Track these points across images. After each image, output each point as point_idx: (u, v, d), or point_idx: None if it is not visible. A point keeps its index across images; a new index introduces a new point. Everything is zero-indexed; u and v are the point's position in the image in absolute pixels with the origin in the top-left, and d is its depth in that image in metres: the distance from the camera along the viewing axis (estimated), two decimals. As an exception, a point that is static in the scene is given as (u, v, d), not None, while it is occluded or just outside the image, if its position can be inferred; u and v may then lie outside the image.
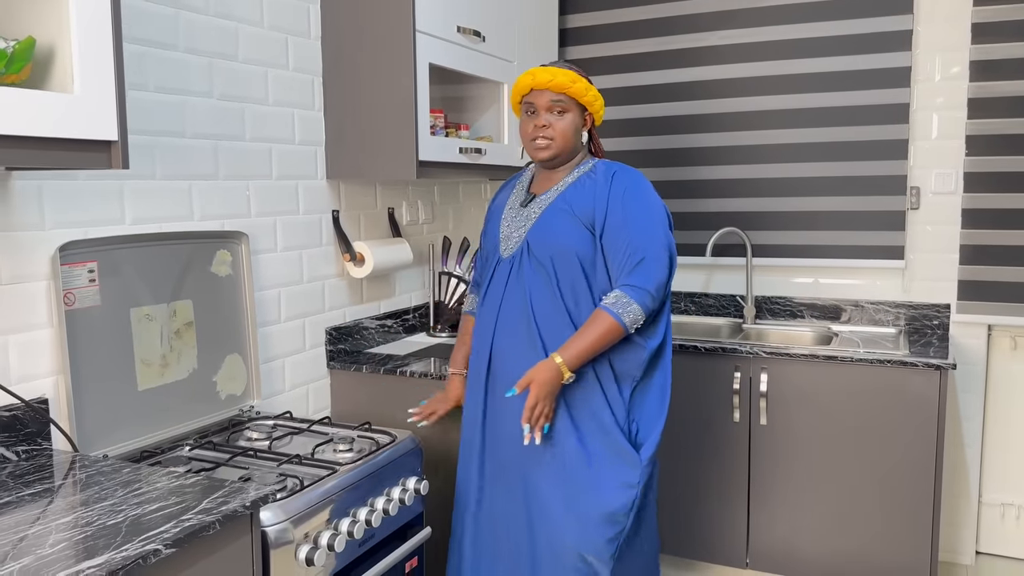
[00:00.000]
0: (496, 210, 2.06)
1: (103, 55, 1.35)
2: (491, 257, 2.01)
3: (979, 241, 2.83)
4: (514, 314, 1.91)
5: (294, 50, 2.26)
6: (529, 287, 1.89)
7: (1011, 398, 2.91)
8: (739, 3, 3.05)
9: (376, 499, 1.72)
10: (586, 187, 1.91)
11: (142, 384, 1.79)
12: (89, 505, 1.31)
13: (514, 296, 1.92)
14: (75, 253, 1.64)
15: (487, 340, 1.95)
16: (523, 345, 1.89)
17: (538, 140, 1.89)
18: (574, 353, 1.78)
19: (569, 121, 1.89)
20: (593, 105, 1.92)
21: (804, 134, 3.00)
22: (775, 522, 2.67)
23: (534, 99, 1.89)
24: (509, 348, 1.91)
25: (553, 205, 1.92)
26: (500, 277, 1.96)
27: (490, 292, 1.97)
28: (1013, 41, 2.72)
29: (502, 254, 1.96)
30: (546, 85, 1.86)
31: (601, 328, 1.78)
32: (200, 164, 1.98)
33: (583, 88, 1.88)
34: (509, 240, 1.96)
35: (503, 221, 2.00)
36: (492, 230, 2.03)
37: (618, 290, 1.81)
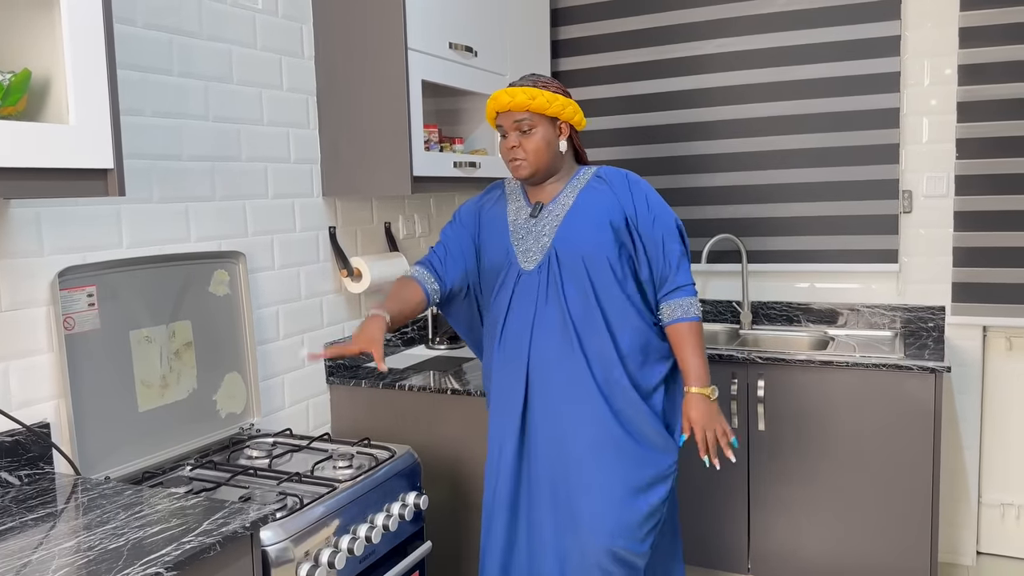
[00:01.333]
0: (495, 224, 2.02)
1: (97, 85, 1.38)
2: (499, 274, 1.98)
3: (972, 243, 2.84)
4: (551, 326, 1.89)
5: (288, 70, 2.29)
6: (566, 296, 1.89)
7: (1008, 398, 2.93)
8: (729, 12, 3.08)
9: (376, 515, 1.74)
10: (601, 190, 1.93)
11: (143, 405, 1.81)
12: (91, 529, 1.33)
13: (550, 308, 1.90)
14: (74, 278, 1.66)
15: (522, 355, 1.91)
16: (565, 357, 1.88)
17: (514, 162, 1.91)
18: (699, 374, 1.89)
19: (540, 136, 1.89)
20: (563, 113, 1.89)
21: (796, 140, 3.02)
22: (775, 527, 2.69)
23: (502, 121, 1.92)
24: (551, 361, 1.89)
25: (573, 209, 1.92)
26: (527, 290, 1.93)
27: (514, 309, 1.94)
28: (1000, 45, 2.74)
29: (523, 267, 1.93)
30: (507, 106, 1.88)
31: (695, 338, 1.91)
32: (197, 186, 2.00)
33: (544, 102, 1.86)
34: (529, 252, 1.94)
35: (512, 235, 1.97)
36: (496, 244, 1.99)
37: (676, 298, 1.92)
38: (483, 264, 2.04)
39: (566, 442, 1.88)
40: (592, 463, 1.86)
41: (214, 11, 2.04)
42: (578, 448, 1.87)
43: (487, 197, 2.09)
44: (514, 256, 1.95)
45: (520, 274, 1.94)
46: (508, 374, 1.94)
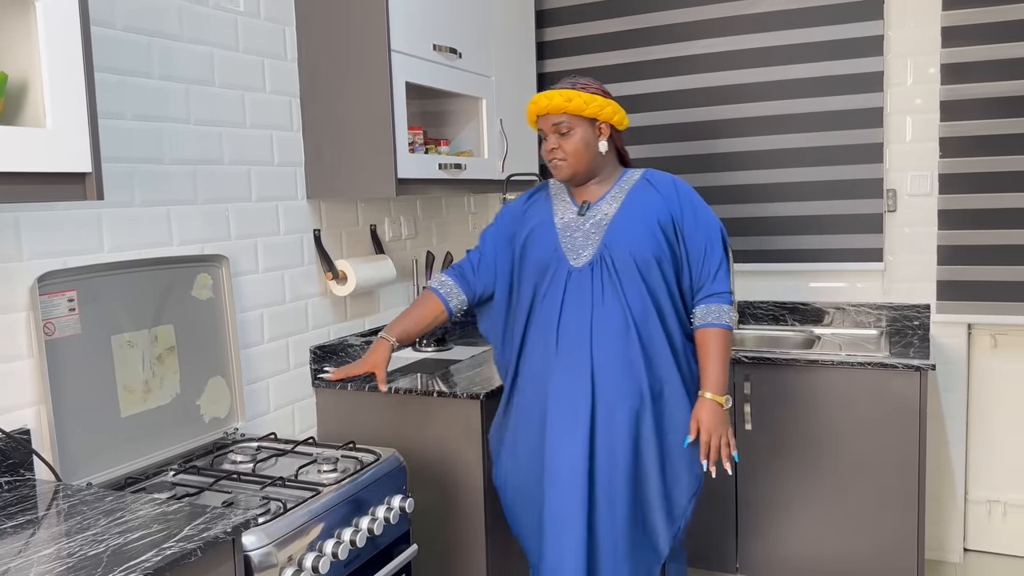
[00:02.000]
0: (541, 222, 2.02)
1: (75, 88, 1.37)
2: (545, 270, 1.98)
3: (956, 241, 2.86)
4: (613, 326, 1.90)
5: (271, 73, 2.28)
6: (622, 294, 1.91)
7: (993, 395, 2.94)
8: (713, 13, 3.08)
9: (361, 519, 1.73)
10: (649, 193, 1.97)
11: (125, 411, 1.80)
12: (71, 535, 1.32)
13: (607, 307, 1.91)
14: (54, 283, 1.65)
15: (584, 357, 1.91)
16: (626, 354, 1.90)
17: (553, 162, 1.96)
18: (717, 380, 1.92)
19: (578, 138, 1.92)
20: (602, 114, 1.92)
21: (781, 140, 3.03)
22: (763, 526, 2.69)
23: (541, 125, 1.97)
24: (614, 367, 1.90)
25: (623, 210, 1.95)
26: (579, 289, 1.93)
27: (568, 307, 1.94)
28: (982, 44, 2.76)
29: (573, 264, 1.94)
30: (545, 109, 1.92)
31: (721, 345, 1.93)
32: (179, 189, 1.99)
33: (581, 103, 1.89)
34: (579, 250, 1.95)
35: (560, 232, 1.98)
36: (543, 241, 1.99)
37: (711, 303, 1.95)
38: (526, 261, 2.02)
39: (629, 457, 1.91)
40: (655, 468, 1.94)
41: (195, 13, 2.03)
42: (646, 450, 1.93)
43: (535, 196, 2.13)
44: (563, 253, 1.97)
45: (570, 271, 1.95)
46: (569, 377, 1.92)
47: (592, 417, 1.90)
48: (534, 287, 2.00)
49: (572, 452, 1.88)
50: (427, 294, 2.12)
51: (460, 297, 2.11)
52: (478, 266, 2.13)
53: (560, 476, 1.89)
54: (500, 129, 2.92)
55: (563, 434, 1.90)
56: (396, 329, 2.06)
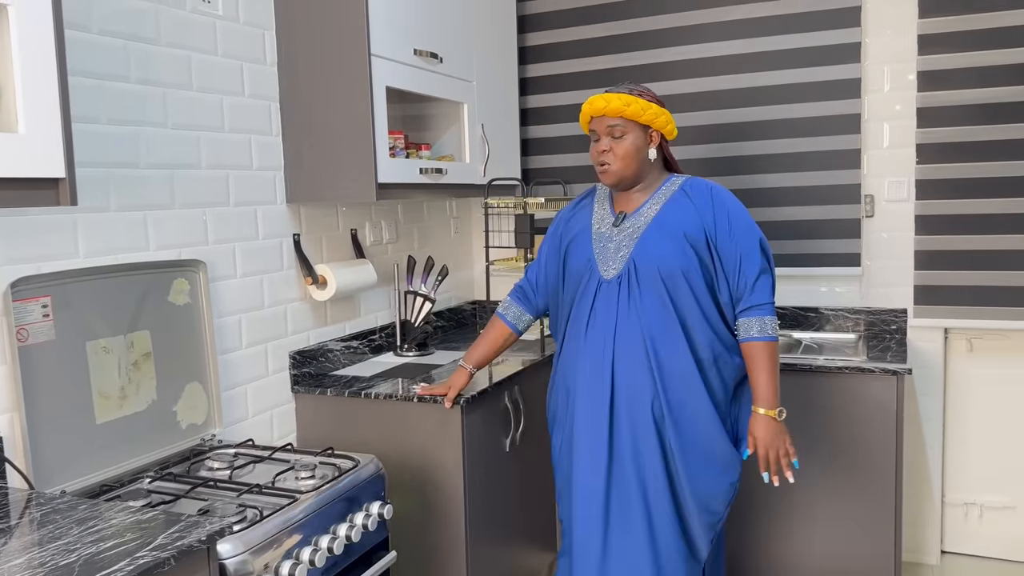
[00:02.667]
0: (582, 231, 2.07)
1: (48, 93, 1.36)
2: (580, 279, 2.03)
3: (932, 247, 2.89)
4: (632, 340, 1.93)
5: (249, 77, 2.27)
6: (641, 308, 1.93)
7: (969, 399, 2.97)
8: (692, 20, 3.10)
9: (339, 526, 1.73)
10: (683, 204, 1.97)
11: (100, 417, 1.78)
12: (43, 545, 1.30)
13: (629, 320, 1.94)
14: (27, 289, 1.63)
15: (605, 369, 1.95)
16: (644, 372, 1.93)
17: (602, 166, 1.98)
18: (768, 395, 1.92)
19: (629, 143, 1.94)
20: (656, 122, 1.95)
21: (759, 146, 3.05)
22: (743, 528, 2.71)
23: (595, 126, 1.98)
24: (633, 378, 1.94)
25: (655, 223, 1.96)
26: (607, 300, 1.97)
27: (595, 317, 1.98)
28: (958, 52, 2.79)
29: (603, 276, 1.98)
30: (602, 111, 1.94)
31: (768, 358, 1.93)
32: (155, 194, 1.98)
33: (639, 109, 1.92)
34: (610, 261, 1.98)
35: (595, 243, 2.02)
36: (580, 251, 2.04)
37: (751, 316, 1.94)
38: (568, 268, 2.08)
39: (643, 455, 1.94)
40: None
41: (173, 17, 2.02)
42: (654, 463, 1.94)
43: (582, 201, 2.16)
44: (595, 264, 2.00)
45: (600, 282, 1.98)
46: (590, 388, 1.98)
47: (611, 433, 1.95)
48: (572, 295, 2.06)
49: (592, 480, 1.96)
50: (495, 320, 2.25)
51: (525, 317, 2.24)
52: (537, 284, 2.21)
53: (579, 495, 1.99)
54: (482, 134, 2.92)
55: (585, 458, 1.98)
56: (473, 358, 2.22)
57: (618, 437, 1.95)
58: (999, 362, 2.92)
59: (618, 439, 1.95)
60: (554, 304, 2.18)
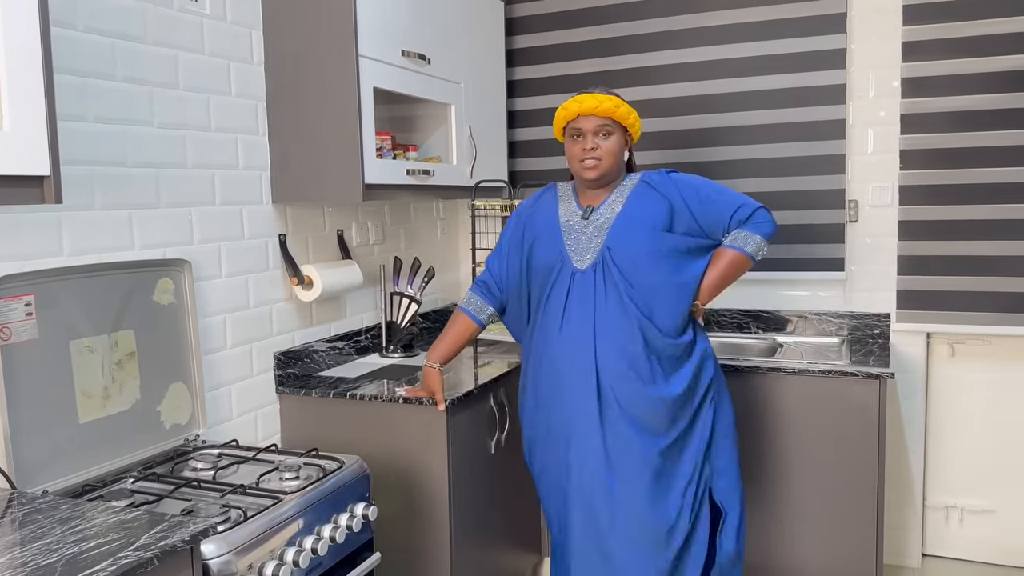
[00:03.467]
0: (547, 225, 2.14)
1: (33, 91, 1.35)
2: (551, 271, 2.09)
3: (915, 252, 2.91)
4: (615, 323, 2.01)
5: (236, 76, 2.26)
6: (624, 292, 2.01)
7: (950, 403, 3.00)
8: (681, 24, 3.12)
9: (323, 527, 1.72)
10: (648, 194, 2.09)
11: (83, 417, 1.77)
12: (24, 545, 1.29)
13: (609, 306, 2.01)
14: (10, 287, 1.62)
15: (588, 354, 2.01)
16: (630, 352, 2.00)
17: (587, 161, 2.06)
18: (705, 290, 2.08)
19: (614, 142, 2.07)
20: (634, 127, 2.10)
21: (745, 151, 3.07)
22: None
23: (581, 124, 2.05)
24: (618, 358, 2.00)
25: (624, 213, 2.06)
26: (583, 289, 2.04)
27: (572, 305, 2.05)
28: (942, 59, 2.82)
29: (576, 266, 2.06)
30: (593, 111, 2.03)
31: (727, 263, 2.08)
32: (141, 193, 1.97)
33: (626, 111, 2.05)
34: (583, 252, 2.06)
35: (565, 235, 2.10)
36: (549, 244, 2.11)
37: (740, 229, 2.08)
38: (534, 262, 2.14)
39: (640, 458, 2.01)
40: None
41: (160, 15, 2.01)
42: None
43: (542, 197, 2.23)
44: (567, 256, 2.08)
45: (574, 272, 2.06)
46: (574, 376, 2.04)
47: (600, 416, 2.01)
48: (541, 288, 2.12)
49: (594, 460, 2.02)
50: (457, 314, 2.27)
51: (488, 310, 2.27)
52: (500, 278, 2.25)
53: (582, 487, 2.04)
54: (469, 135, 2.93)
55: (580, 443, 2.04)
56: (436, 354, 2.24)
57: (607, 416, 2.01)
58: (980, 367, 2.95)
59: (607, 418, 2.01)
60: (516, 298, 2.23)
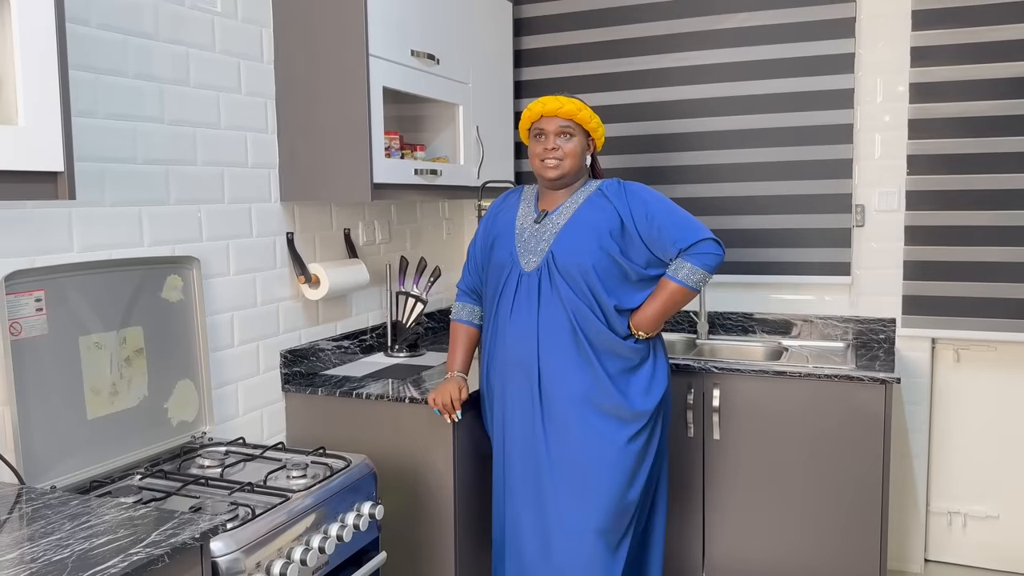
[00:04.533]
0: (505, 226, 2.21)
1: (48, 87, 1.35)
2: (503, 270, 2.16)
3: (921, 257, 2.92)
4: (556, 325, 2.08)
5: (246, 74, 2.26)
6: (564, 298, 2.07)
7: (955, 409, 3.00)
8: (689, 27, 3.12)
9: (330, 525, 1.72)
10: (600, 203, 2.13)
11: (91, 413, 1.77)
12: (35, 540, 1.30)
13: (551, 308, 2.08)
14: (21, 282, 1.62)
15: (531, 352, 2.09)
16: (573, 355, 2.07)
17: (548, 161, 2.11)
18: (645, 319, 2.10)
19: (576, 144, 2.11)
20: (596, 132, 2.15)
21: (752, 154, 3.07)
22: (729, 534, 2.72)
23: (544, 125, 2.11)
24: (559, 359, 2.08)
25: (572, 220, 2.11)
26: (527, 290, 2.11)
27: (519, 305, 2.12)
28: (950, 64, 2.82)
29: (524, 268, 2.12)
30: (555, 112, 2.08)
31: (667, 296, 2.09)
32: (151, 189, 1.97)
33: (588, 116, 2.10)
34: (530, 255, 2.12)
35: (517, 237, 2.16)
36: (503, 245, 2.18)
37: (681, 259, 2.09)
38: (492, 260, 2.20)
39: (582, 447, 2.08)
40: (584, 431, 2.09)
41: (171, 13, 2.01)
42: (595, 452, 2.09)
43: (508, 199, 2.30)
44: (516, 257, 2.14)
45: (521, 274, 2.12)
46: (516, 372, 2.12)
47: (542, 414, 2.09)
48: (495, 287, 2.19)
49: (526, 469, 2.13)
50: (456, 326, 2.34)
51: (477, 311, 2.35)
52: (482, 285, 2.30)
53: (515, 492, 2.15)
54: (476, 136, 2.93)
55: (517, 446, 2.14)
56: (457, 365, 2.29)
57: (549, 429, 2.08)
58: (986, 372, 2.95)
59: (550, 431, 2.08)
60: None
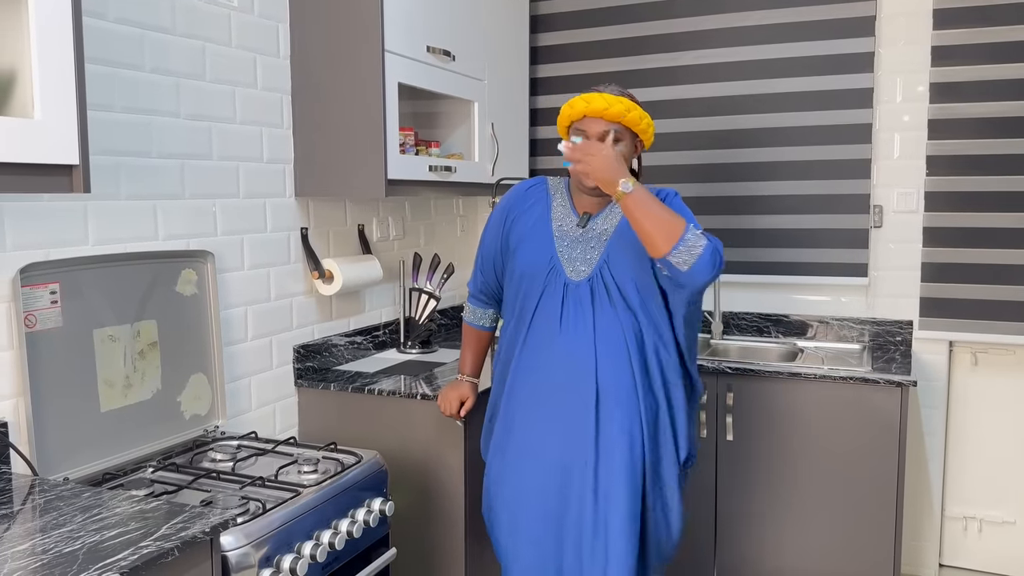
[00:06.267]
0: (536, 227, 1.95)
1: (65, 80, 1.35)
2: (539, 277, 1.92)
3: (940, 259, 2.88)
4: (613, 340, 1.85)
5: (262, 69, 2.27)
6: (621, 310, 1.85)
7: (972, 413, 2.97)
8: (707, 24, 3.10)
9: (340, 521, 1.72)
10: None
11: (105, 405, 1.78)
12: (47, 532, 1.30)
13: (608, 322, 1.86)
14: (36, 275, 1.63)
15: (588, 368, 1.85)
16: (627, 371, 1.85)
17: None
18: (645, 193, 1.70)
19: (622, 148, 1.83)
20: (646, 132, 1.87)
21: (771, 153, 3.05)
22: (741, 537, 2.70)
23: (586, 126, 1.83)
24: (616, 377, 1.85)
25: (621, 228, 1.88)
26: (578, 303, 1.88)
27: (569, 318, 1.88)
28: (971, 64, 2.78)
29: (570, 277, 1.88)
30: (601, 113, 1.80)
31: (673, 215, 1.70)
32: (166, 183, 1.98)
33: (638, 116, 1.82)
34: (576, 263, 1.89)
35: (557, 241, 1.92)
36: (538, 248, 1.93)
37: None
38: (518, 262, 1.95)
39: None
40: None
41: (188, 7, 2.02)
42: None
43: (530, 196, 2.01)
44: (559, 264, 1.90)
45: (567, 284, 1.89)
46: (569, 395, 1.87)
47: (596, 446, 1.85)
48: (525, 294, 1.94)
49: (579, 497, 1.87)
50: (468, 329, 2.19)
51: (492, 314, 2.18)
52: (495, 287, 2.10)
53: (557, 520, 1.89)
54: (491, 133, 2.92)
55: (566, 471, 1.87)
56: (468, 368, 2.20)
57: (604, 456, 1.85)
58: (1003, 376, 2.92)
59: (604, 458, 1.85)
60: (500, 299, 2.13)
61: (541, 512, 1.90)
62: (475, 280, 2.15)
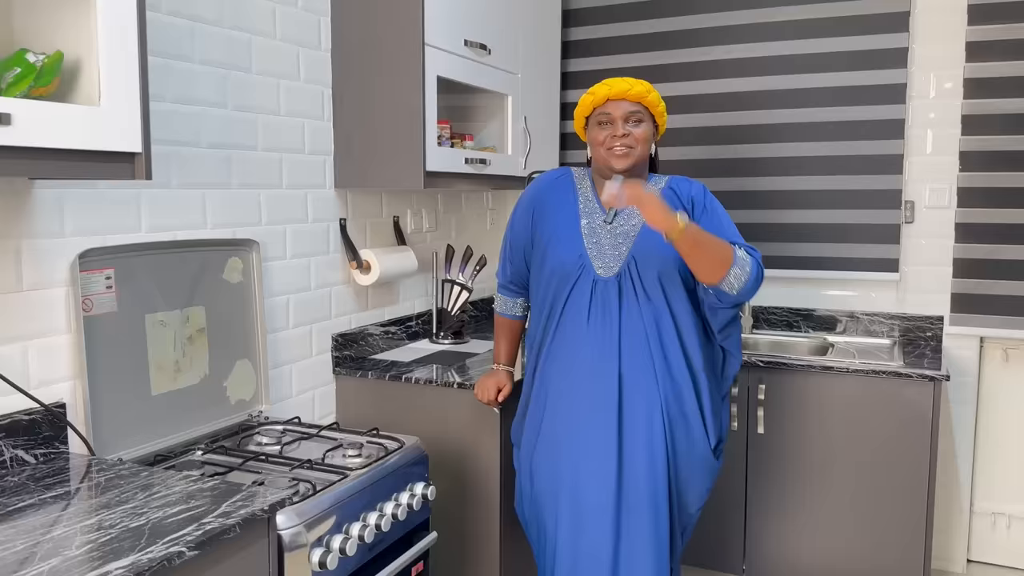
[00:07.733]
0: (565, 223, 1.98)
1: (129, 69, 1.39)
2: (569, 274, 1.95)
3: (972, 255, 2.88)
4: (638, 336, 1.90)
5: (305, 61, 2.30)
6: (644, 309, 1.90)
7: (1002, 409, 2.97)
8: (739, 19, 3.11)
9: (385, 504, 1.76)
10: (674, 203, 1.94)
11: (156, 389, 1.82)
12: (111, 508, 1.35)
13: (633, 317, 1.90)
14: (93, 260, 1.67)
15: (611, 370, 1.90)
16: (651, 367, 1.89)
17: (616, 148, 1.89)
18: (697, 228, 1.75)
19: (645, 130, 1.91)
20: (662, 118, 1.96)
21: (802, 148, 3.05)
22: (771, 530, 2.72)
23: (610, 109, 1.90)
24: (640, 373, 1.90)
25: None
26: (606, 299, 1.92)
27: (595, 316, 1.92)
28: (1005, 60, 2.78)
29: (599, 273, 1.92)
30: (623, 95, 1.88)
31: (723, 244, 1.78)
32: (214, 173, 2.02)
33: (656, 99, 1.92)
34: (605, 258, 1.93)
35: (586, 238, 1.95)
36: (567, 245, 1.96)
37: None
38: (548, 259, 1.99)
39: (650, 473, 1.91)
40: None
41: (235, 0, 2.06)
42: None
43: (555, 188, 2.05)
44: (588, 261, 1.94)
45: (596, 280, 1.93)
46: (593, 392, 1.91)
47: (619, 437, 1.90)
48: (555, 291, 1.98)
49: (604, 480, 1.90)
50: (500, 319, 2.23)
51: (523, 303, 2.21)
52: (524, 277, 2.14)
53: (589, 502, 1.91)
54: (524, 126, 2.95)
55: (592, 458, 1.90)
56: (503, 357, 2.23)
57: (628, 441, 1.90)
58: (1034, 373, 2.92)
59: (628, 443, 1.90)
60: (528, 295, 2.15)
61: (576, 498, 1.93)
62: (503, 270, 2.18)
